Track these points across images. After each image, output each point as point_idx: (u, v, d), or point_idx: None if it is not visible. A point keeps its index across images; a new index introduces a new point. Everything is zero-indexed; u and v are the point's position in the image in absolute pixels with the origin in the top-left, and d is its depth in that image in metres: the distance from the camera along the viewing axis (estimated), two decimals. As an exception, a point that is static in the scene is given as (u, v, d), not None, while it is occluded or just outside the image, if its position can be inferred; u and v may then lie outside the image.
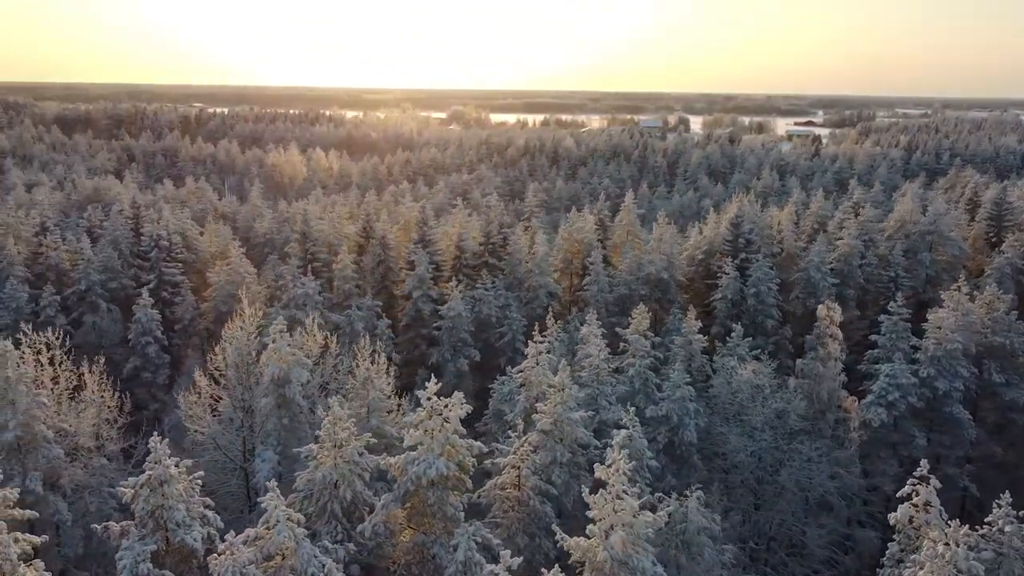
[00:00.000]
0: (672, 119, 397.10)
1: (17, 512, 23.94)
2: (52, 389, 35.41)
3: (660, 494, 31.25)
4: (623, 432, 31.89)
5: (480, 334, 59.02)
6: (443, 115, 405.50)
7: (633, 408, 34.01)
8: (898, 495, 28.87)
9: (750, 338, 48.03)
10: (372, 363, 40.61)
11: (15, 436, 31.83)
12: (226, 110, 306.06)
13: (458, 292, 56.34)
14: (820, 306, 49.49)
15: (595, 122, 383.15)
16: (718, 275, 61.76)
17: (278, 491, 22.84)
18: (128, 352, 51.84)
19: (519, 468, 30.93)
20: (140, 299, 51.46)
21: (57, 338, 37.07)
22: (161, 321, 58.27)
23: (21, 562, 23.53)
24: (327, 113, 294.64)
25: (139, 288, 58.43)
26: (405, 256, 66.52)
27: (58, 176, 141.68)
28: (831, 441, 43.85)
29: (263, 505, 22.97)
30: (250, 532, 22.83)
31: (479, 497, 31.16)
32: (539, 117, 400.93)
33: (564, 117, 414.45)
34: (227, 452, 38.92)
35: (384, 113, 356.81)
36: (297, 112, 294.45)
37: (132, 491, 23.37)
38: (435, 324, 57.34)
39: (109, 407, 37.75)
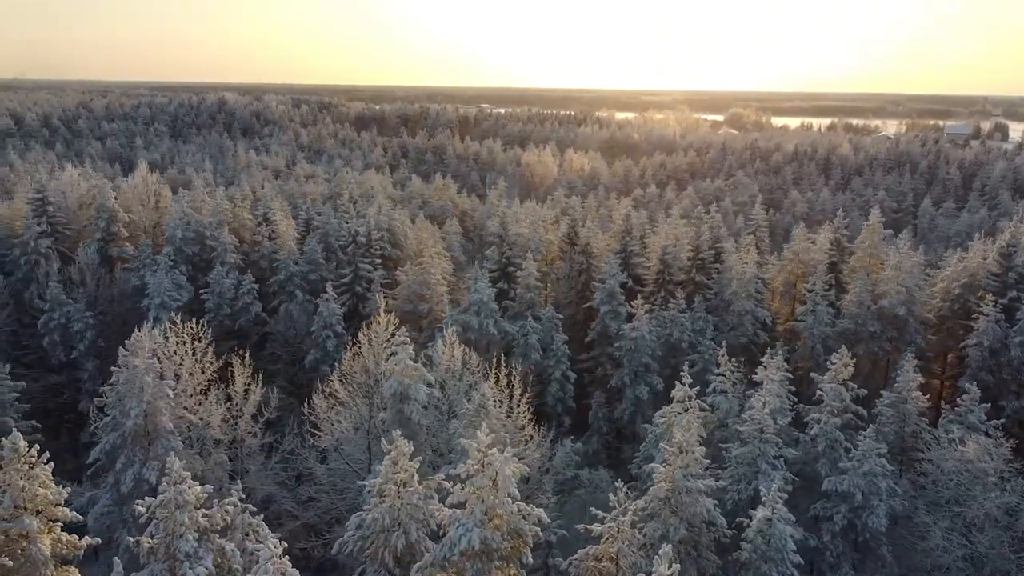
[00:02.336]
0: (987, 125, 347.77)
1: (61, 511, 23.38)
2: (188, 380, 35.97)
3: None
4: (760, 514, 25.33)
5: (669, 359, 52.97)
6: (720, 118, 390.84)
7: (780, 480, 27.01)
8: None
9: (988, 404, 37.34)
10: (508, 385, 37.08)
11: (135, 424, 32.45)
12: (502, 111, 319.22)
13: (643, 310, 50.74)
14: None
15: (890, 127, 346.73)
16: (975, 316, 49.99)
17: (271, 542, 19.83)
18: (312, 344, 52.84)
19: (618, 539, 25.50)
20: (324, 293, 52.20)
21: (202, 328, 37.77)
22: (350, 316, 59.24)
23: (54, 561, 23.34)
24: (597, 114, 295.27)
25: (338, 281, 59.89)
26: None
27: (335, 169, 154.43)
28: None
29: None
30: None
31: (570, 566, 26.21)
32: (826, 121, 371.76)
33: (855, 121, 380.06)
34: (349, 462, 37.42)
35: (660, 115, 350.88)
36: (568, 113, 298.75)
37: (147, 512, 21.75)
38: (619, 344, 52.25)
39: (243, 401, 37.71)
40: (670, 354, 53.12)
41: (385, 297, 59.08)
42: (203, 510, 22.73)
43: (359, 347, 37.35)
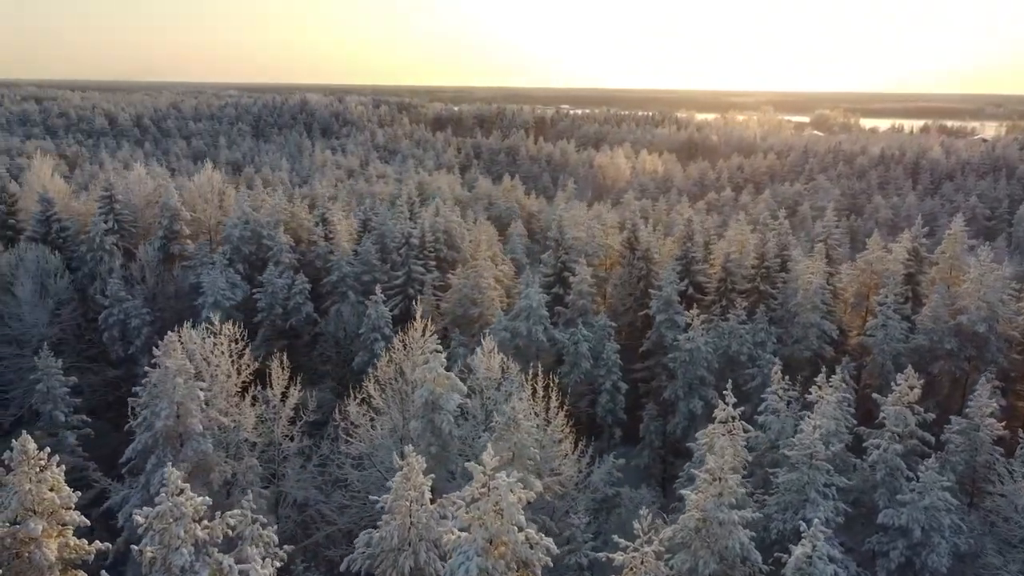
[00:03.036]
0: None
1: (70, 515, 23.13)
2: (224, 382, 35.79)
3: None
4: (799, 550, 23.35)
5: (727, 373, 50.46)
6: (806, 119, 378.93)
7: (831, 510, 24.76)
8: None
9: (1074, 436, 33.90)
10: (545, 396, 35.68)
11: (164, 425, 32.37)
12: (580, 111, 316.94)
13: (699, 321, 48.49)
14: None
15: (988, 129, 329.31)
16: (1066, 336, 45.97)
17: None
18: (360, 346, 52.50)
19: (640, 571, 23.79)
20: (372, 295, 51.78)
21: (241, 329, 37.60)
22: (402, 318, 58.68)
23: (60, 566, 23.12)
24: (677, 115, 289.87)
25: (390, 283, 59.54)
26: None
27: (407, 169, 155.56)
28: None
29: None
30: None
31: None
32: (918, 123, 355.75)
33: (950, 123, 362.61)
34: (382, 470, 36.59)
35: (742, 116, 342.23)
36: (646, 114, 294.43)
37: (145, 522, 21.22)
38: (673, 355, 50.13)
39: (280, 404, 37.37)
40: (728, 367, 50.67)
41: (437, 300, 58.69)
42: (204, 522, 22.12)
43: (392, 352, 36.49)
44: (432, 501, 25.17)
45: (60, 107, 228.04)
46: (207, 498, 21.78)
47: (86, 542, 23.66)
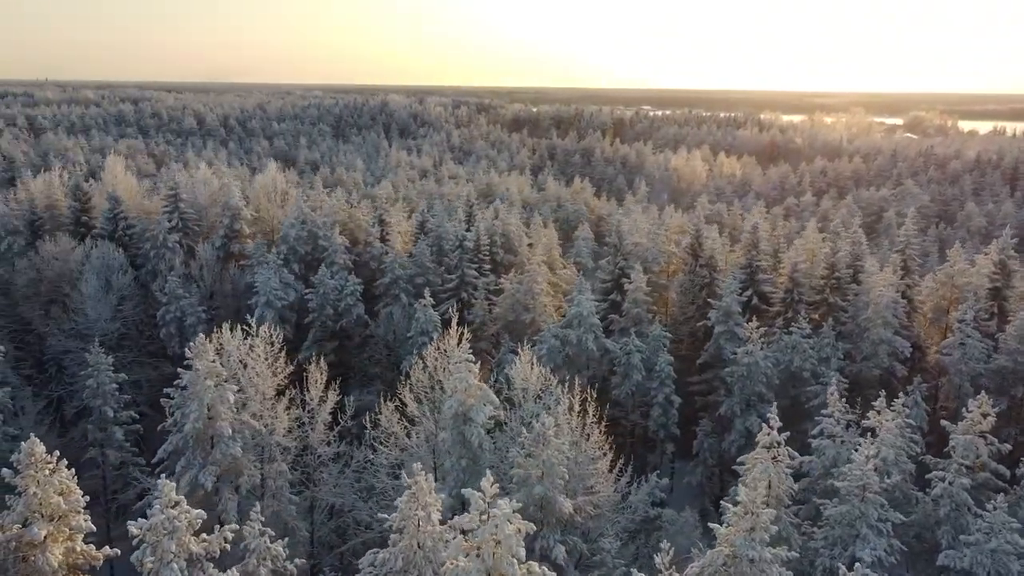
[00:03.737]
0: None
1: (78, 520, 22.91)
2: (258, 384, 35.47)
3: None
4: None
5: (787, 389, 47.86)
6: (899, 121, 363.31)
7: (883, 548, 22.43)
8: None
9: None
10: (582, 411, 34.09)
11: (193, 428, 32.18)
12: (661, 113, 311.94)
13: (757, 334, 45.97)
14: None
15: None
16: None
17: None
18: (409, 349, 51.83)
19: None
20: (422, 298, 51.07)
21: (278, 333, 37.28)
22: (452, 322, 57.82)
23: (64, 571, 22.87)
24: (761, 117, 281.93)
25: (443, 286, 58.82)
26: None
27: (481, 170, 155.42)
28: None
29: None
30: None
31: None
32: (1022, 126, 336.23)
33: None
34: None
35: (830, 118, 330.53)
36: (728, 115, 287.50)
37: (139, 534, 20.70)
38: (730, 369, 47.73)
39: (317, 408, 36.88)
40: (790, 383, 47.98)
41: (490, 305, 57.62)
42: (203, 535, 21.53)
43: (424, 360, 35.53)
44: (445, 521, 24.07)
45: (153, 108, 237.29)
46: (202, 511, 21.15)
47: (93, 547, 23.44)
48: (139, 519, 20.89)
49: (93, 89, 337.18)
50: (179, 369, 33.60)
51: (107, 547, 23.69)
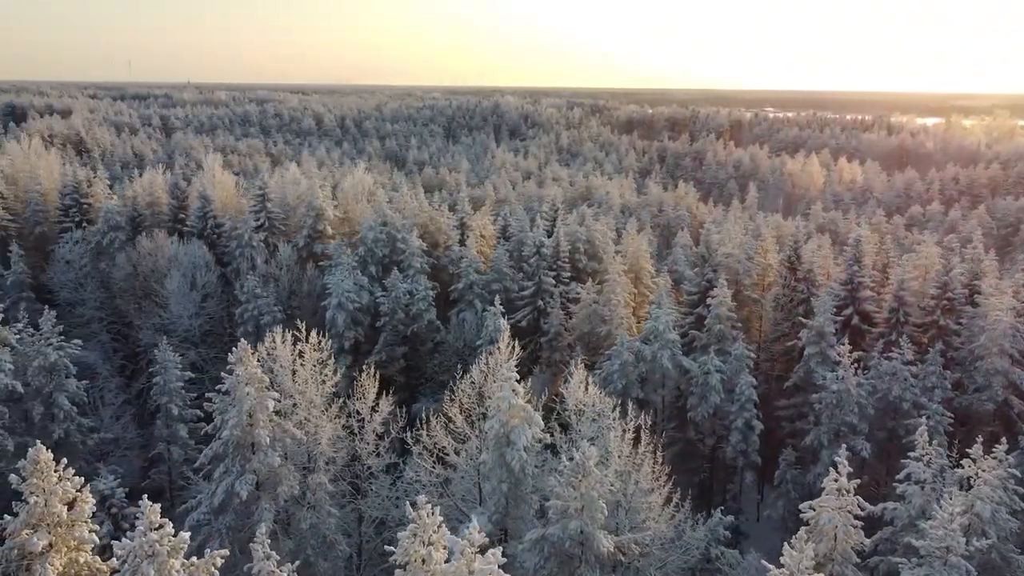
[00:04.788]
0: None
1: (80, 530, 22.34)
2: (303, 392, 34.62)
3: None
4: None
5: (884, 420, 43.39)
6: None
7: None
8: None
9: None
10: (635, 440, 31.43)
11: (231, 434, 31.57)
12: (782, 114, 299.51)
13: (849, 358, 41.79)
14: None
15: None
16: None
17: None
18: (476, 358, 50.26)
19: None
20: (492, 306, 49.40)
21: (322, 338, 36.34)
22: (530, 331, 56.06)
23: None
24: (890, 120, 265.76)
25: (520, 293, 57.05)
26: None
27: (586, 172, 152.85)
28: None
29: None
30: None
31: None
32: None
33: None
34: (456, 501, 33.91)
35: (969, 121, 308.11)
36: (855, 117, 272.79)
37: (122, 555, 19.75)
38: (818, 396, 43.68)
39: (368, 416, 35.72)
40: (887, 414, 43.47)
41: (568, 314, 55.35)
42: (192, 559, 20.42)
43: (472, 374, 33.71)
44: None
45: (276, 109, 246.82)
46: (185, 534, 20.05)
47: (99, 559, 22.87)
48: (123, 540, 19.98)
49: (226, 91, 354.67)
50: (223, 373, 33.21)
51: (114, 559, 23.10)
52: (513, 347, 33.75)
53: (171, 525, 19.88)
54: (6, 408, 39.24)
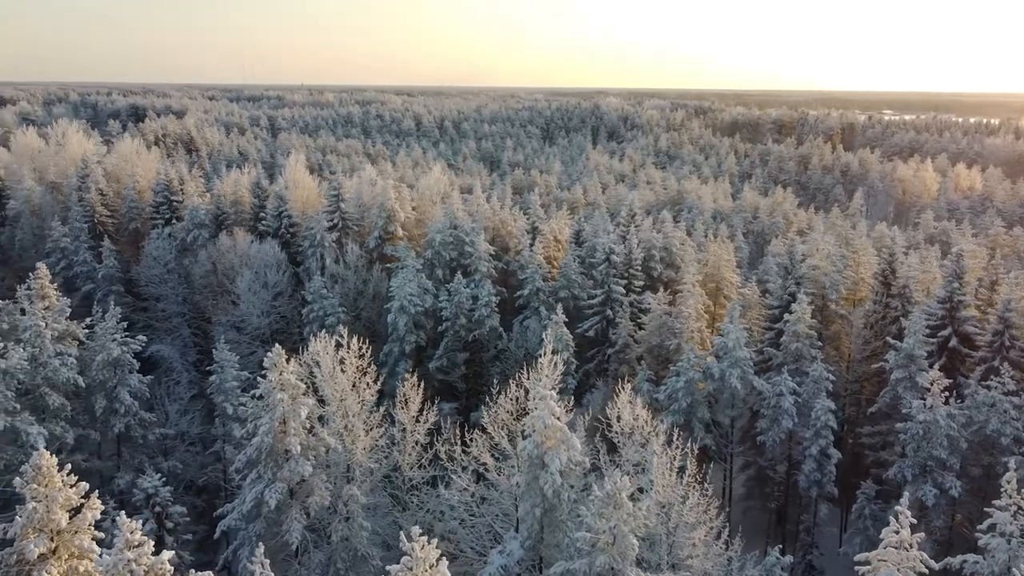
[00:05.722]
0: None
1: (80, 537, 21.85)
2: (342, 400, 33.67)
3: None
4: None
5: (979, 456, 39.12)
6: None
7: None
8: None
9: None
10: (681, 467, 28.95)
11: (263, 441, 30.89)
12: (898, 117, 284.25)
13: (939, 386, 37.78)
14: None
15: None
16: None
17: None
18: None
19: None
20: (554, 314, 47.47)
21: (365, 345, 35.31)
22: (598, 341, 53.92)
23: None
24: (1020, 123, 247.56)
25: (588, 301, 54.95)
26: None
27: (678, 176, 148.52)
28: None
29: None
30: None
31: None
32: None
33: None
34: (490, 520, 32.21)
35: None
36: (981, 120, 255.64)
37: (103, 571, 19.00)
38: (903, 426, 39.78)
39: (412, 426, 34.56)
40: (984, 450, 39.16)
41: (637, 325, 52.83)
42: (178, 578, 19.56)
43: (508, 388, 31.96)
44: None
45: (377, 110, 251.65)
46: (172, 553, 19.17)
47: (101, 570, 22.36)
48: (103, 555, 19.29)
49: (335, 92, 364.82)
50: (258, 377, 32.70)
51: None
52: (556, 362, 31.84)
53: (150, 544, 19.12)
54: (68, 401, 40.01)
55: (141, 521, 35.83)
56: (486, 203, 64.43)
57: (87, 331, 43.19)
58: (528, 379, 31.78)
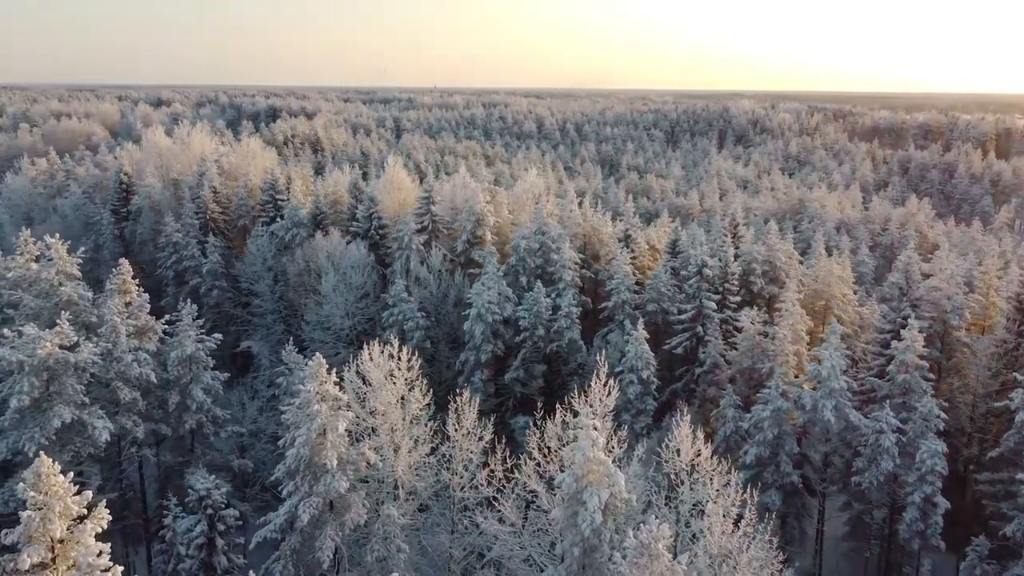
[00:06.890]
0: None
1: (81, 547, 21.19)
2: (385, 414, 32.16)
3: None
4: None
5: (1121, 520, 33.29)
6: None
7: None
8: None
9: None
10: (738, 517, 25.59)
11: (299, 454, 29.76)
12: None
13: (1070, 438, 32.38)
14: None
15: None
16: None
17: None
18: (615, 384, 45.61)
19: None
20: (635, 329, 44.44)
21: (413, 356, 33.64)
22: (687, 359, 50.47)
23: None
24: None
25: (678, 316, 51.54)
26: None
27: (805, 183, 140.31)
28: None
29: None
30: None
31: None
32: None
33: None
34: (532, 552, 29.77)
35: None
36: None
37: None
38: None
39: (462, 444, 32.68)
40: None
41: (730, 346, 49.03)
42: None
43: (554, 412, 29.53)
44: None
45: (500, 112, 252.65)
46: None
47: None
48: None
49: (464, 95, 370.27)
50: (297, 384, 31.70)
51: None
52: (609, 384, 29.25)
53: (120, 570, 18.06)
54: (140, 396, 40.52)
55: (193, 523, 36.05)
56: (577, 208, 61.76)
57: (167, 327, 43.76)
58: (579, 402, 29.38)
